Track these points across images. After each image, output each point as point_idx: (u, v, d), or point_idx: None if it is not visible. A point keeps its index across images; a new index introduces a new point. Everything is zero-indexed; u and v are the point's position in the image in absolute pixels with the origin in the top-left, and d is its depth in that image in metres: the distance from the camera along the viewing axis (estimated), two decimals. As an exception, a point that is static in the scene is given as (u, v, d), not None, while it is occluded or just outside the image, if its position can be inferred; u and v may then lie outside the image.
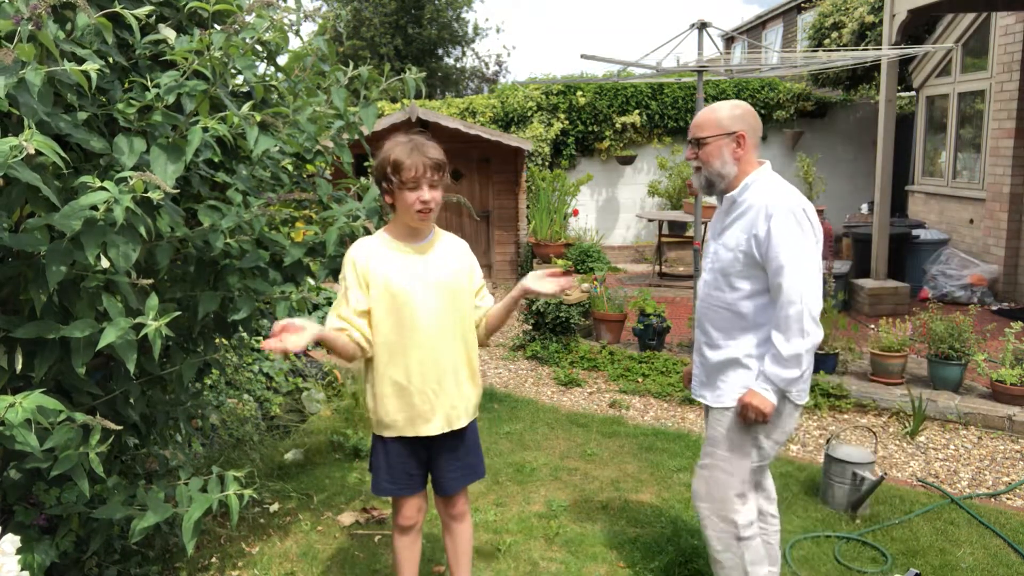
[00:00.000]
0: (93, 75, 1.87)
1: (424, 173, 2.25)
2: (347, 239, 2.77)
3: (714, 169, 2.43)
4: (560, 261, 7.10)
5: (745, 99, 10.78)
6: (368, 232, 2.76)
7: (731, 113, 2.41)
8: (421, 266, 2.36)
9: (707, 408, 2.56)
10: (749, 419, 2.38)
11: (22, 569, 1.70)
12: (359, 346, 2.35)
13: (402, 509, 2.54)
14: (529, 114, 10.29)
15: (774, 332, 2.33)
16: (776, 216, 2.28)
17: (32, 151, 1.70)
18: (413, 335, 2.33)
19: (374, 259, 2.35)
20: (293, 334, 2.09)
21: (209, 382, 4.36)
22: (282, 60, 2.82)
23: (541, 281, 2.42)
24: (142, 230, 1.96)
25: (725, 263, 2.41)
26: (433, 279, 2.35)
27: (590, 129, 10.47)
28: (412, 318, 2.33)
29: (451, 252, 2.44)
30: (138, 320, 2.01)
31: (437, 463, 2.51)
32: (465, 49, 19.85)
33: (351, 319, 2.33)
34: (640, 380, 5.62)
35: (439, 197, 2.33)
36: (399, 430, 2.40)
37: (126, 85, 2.28)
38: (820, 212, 10.11)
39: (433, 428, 2.40)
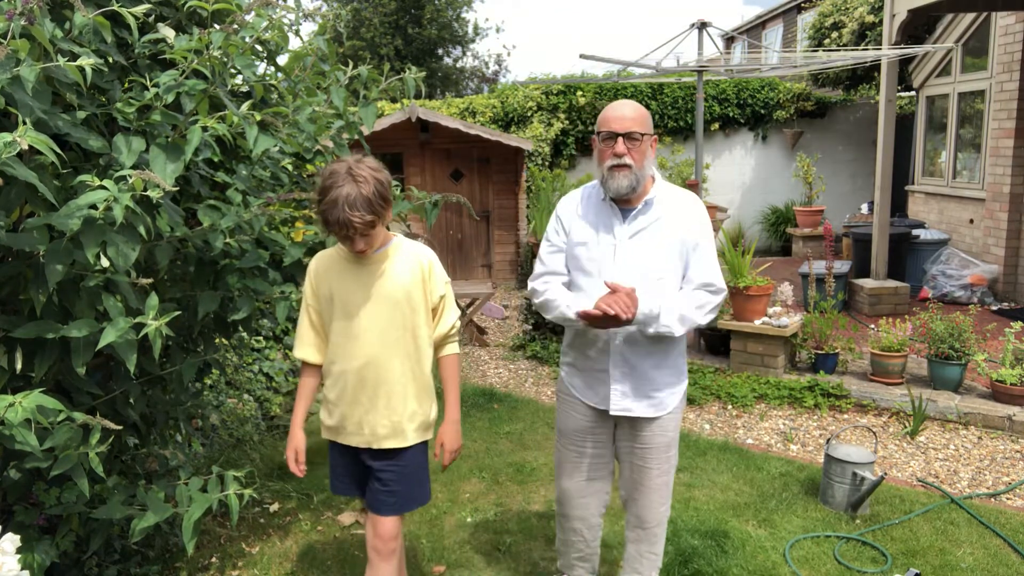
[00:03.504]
0: (88, 70, 1.86)
1: (349, 233, 2.16)
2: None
3: (644, 170, 2.32)
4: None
5: (745, 99, 10.82)
6: None
7: (649, 114, 2.36)
8: (368, 278, 2.30)
9: (639, 419, 2.44)
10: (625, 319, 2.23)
11: (22, 569, 1.70)
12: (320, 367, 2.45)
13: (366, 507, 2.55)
14: (529, 114, 10.29)
15: (696, 300, 2.36)
16: (706, 217, 2.42)
17: (25, 147, 1.69)
18: (352, 346, 2.32)
19: (325, 270, 2.35)
20: (299, 459, 2.42)
21: (209, 382, 4.36)
22: (282, 60, 2.82)
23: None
24: (142, 229, 1.96)
25: (661, 263, 2.36)
26: (375, 292, 2.30)
27: (590, 129, 10.46)
28: (353, 329, 2.31)
29: (404, 265, 2.32)
30: (138, 320, 2.00)
31: (370, 475, 2.43)
32: (465, 49, 19.84)
33: (315, 344, 2.41)
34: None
35: (373, 239, 2.21)
36: (332, 433, 2.43)
37: (125, 84, 2.28)
38: (820, 212, 10.11)
39: (355, 440, 2.38)
